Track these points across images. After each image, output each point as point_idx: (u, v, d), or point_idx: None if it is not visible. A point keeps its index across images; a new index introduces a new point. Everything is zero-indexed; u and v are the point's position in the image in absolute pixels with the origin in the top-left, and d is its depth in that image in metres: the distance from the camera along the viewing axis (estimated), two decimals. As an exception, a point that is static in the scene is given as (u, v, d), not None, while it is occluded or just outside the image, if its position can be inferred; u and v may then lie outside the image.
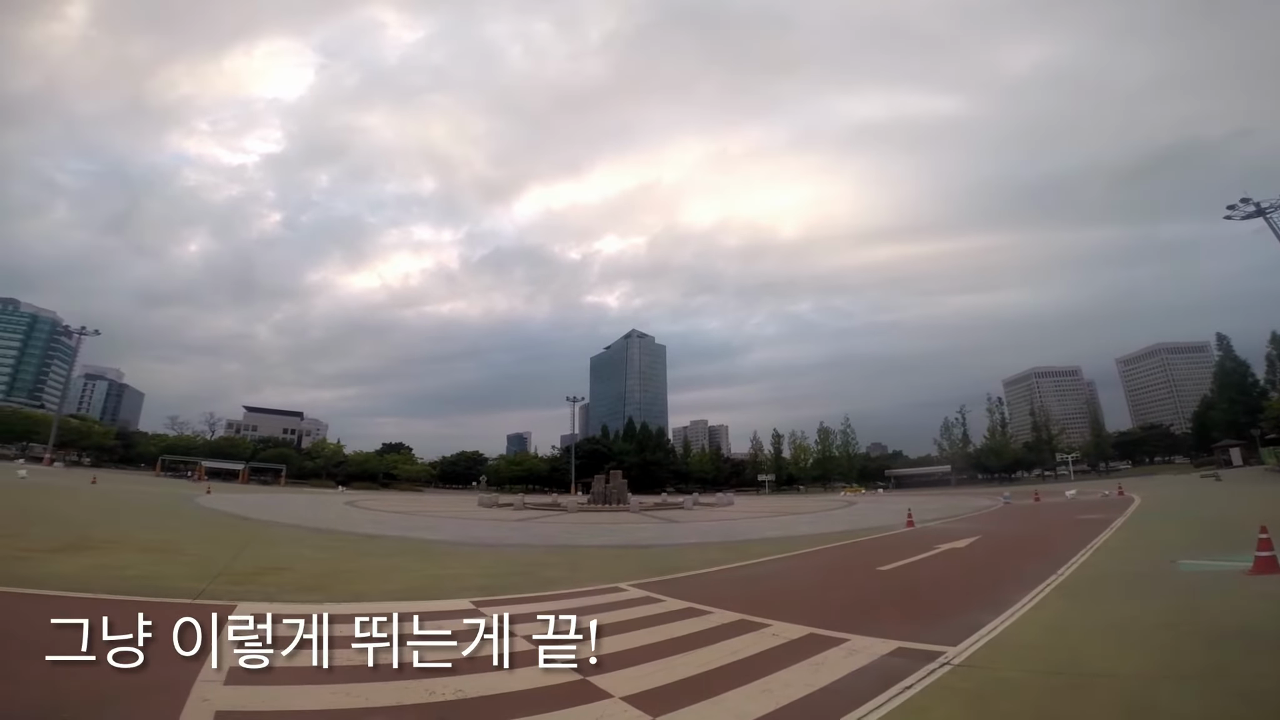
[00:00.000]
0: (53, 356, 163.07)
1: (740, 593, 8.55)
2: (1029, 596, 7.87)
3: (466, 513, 29.66)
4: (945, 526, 20.69)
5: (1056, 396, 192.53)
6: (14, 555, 8.64)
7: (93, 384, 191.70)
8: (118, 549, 10.37)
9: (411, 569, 10.50)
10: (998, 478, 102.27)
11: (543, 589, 8.71)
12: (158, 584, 7.43)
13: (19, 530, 11.93)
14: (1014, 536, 17.39)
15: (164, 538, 13.02)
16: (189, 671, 4.10)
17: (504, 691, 4.24)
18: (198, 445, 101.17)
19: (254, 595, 7.10)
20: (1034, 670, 4.97)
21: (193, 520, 18.38)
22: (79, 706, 3.42)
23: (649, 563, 11.96)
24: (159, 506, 23.32)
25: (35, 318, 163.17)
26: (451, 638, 5.63)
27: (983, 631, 6.10)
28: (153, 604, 6.38)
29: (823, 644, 5.74)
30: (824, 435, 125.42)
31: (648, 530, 20.75)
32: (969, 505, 34.61)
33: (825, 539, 16.99)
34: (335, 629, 5.78)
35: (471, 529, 19.75)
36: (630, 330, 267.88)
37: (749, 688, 4.51)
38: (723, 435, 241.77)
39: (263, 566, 9.62)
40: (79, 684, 3.85)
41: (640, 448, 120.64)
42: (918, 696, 4.32)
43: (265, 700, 3.79)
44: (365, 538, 15.78)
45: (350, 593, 7.87)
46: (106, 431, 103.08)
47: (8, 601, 6.06)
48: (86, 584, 6.97)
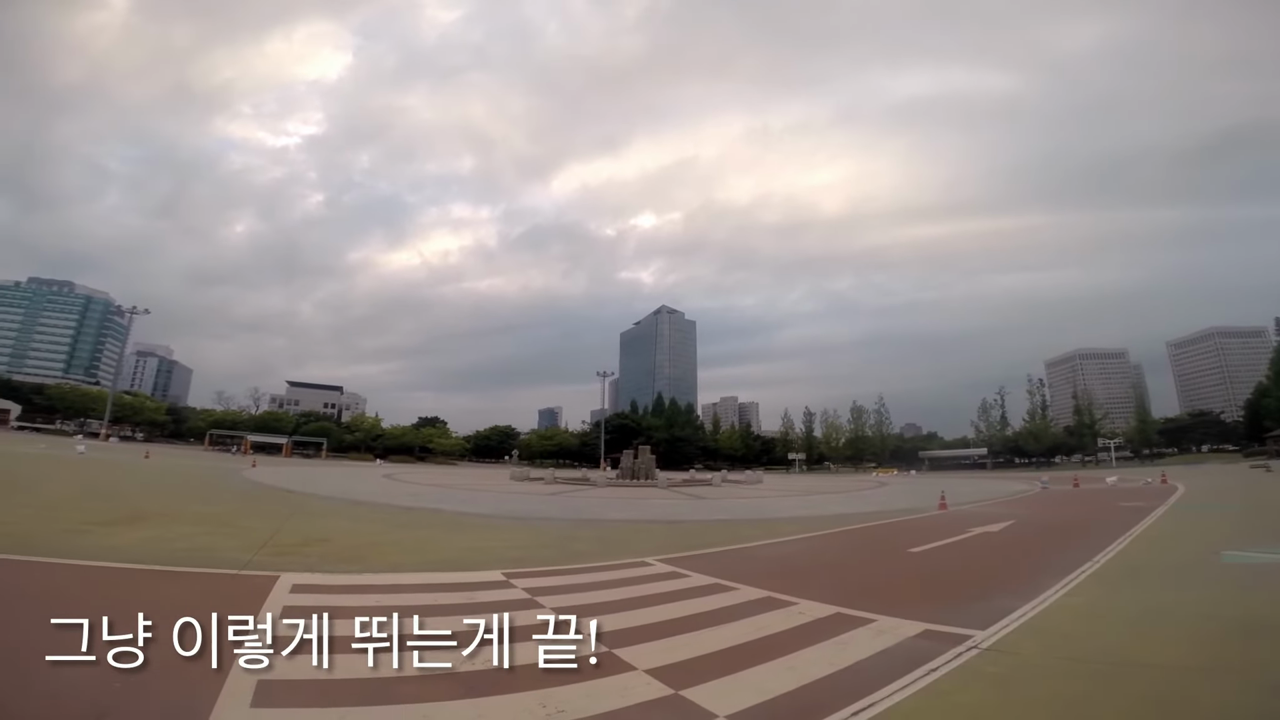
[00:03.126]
0: (106, 335, 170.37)
1: (767, 570, 8.55)
2: (1062, 583, 7.73)
3: (499, 486, 30.27)
4: (979, 510, 20.36)
5: (1101, 379, 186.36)
6: (75, 529, 9.13)
7: (144, 361, 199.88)
8: (171, 521, 10.88)
9: (446, 541, 10.79)
10: (1036, 462, 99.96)
11: (571, 562, 8.87)
12: (208, 555, 7.77)
13: (79, 504, 12.61)
14: (1050, 522, 17.02)
15: (213, 510, 13.62)
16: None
17: (531, 662, 4.35)
18: (243, 420, 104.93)
19: (296, 566, 7.39)
20: (1063, 657, 4.91)
21: (239, 493, 19.12)
22: (131, 672, 3.62)
23: (676, 538, 12.06)
24: (208, 480, 24.33)
25: (90, 299, 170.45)
26: (483, 609, 5.83)
27: (1013, 616, 6.03)
28: (204, 575, 6.74)
29: (849, 623, 5.74)
30: (857, 414, 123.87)
31: (675, 506, 20.89)
32: (1004, 489, 33.93)
33: (855, 519, 16.89)
34: (371, 599, 6.04)
35: (503, 502, 20.15)
36: (660, 306, 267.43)
37: (773, 664, 4.55)
38: (753, 412, 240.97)
39: (305, 538, 9.99)
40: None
41: (669, 424, 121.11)
42: (943, 679, 4.31)
43: (305, 670, 3.94)
44: (402, 510, 16.24)
45: (388, 564, 8.12)
46: (158, 407, 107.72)
47: (73, 573, 6.41)
48: (142, 556, 7.33)
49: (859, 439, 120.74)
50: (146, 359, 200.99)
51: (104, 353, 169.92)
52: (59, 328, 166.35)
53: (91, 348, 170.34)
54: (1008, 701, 3.99)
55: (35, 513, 10.69)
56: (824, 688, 4.11)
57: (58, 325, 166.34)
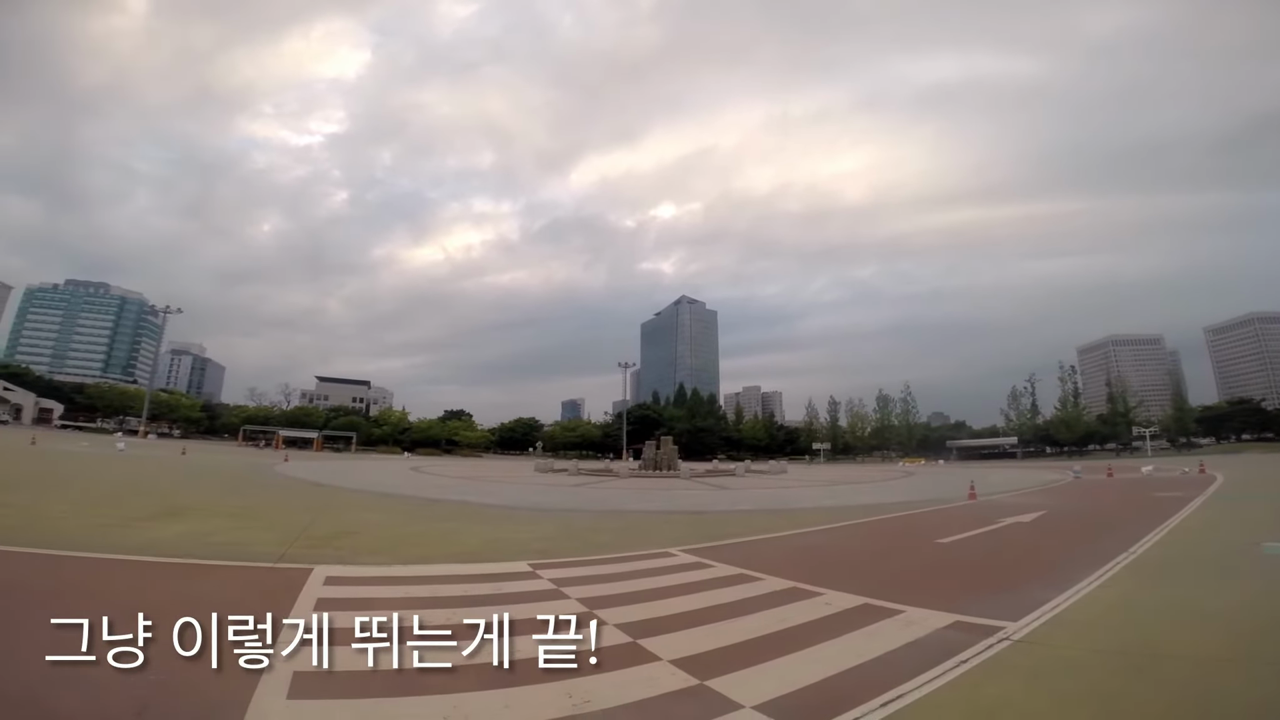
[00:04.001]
0: (142, 335, 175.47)
1: (792, 560, 8.52)
2: (1097, 574, 7.57)
3: (523, 478, 30.56)
4: (1009, 500, 20.02)
5: (1135, 366, 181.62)
6: (118, 524, 9.41)
7: (179, 359, 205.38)
8: (208, 516, 11.18)
9: (472, 533, 10.93)
10: (1068, 451, 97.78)
11: (595, 553, 8.92)
12: (245, 549, 7.96)
13: (121, 500, 13.01)
14: (1083, 512, 16.67)
15: (248, 504, 13.96)
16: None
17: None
18: (275, 415, 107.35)
19: (329, 558, 7.54)
20: (1097, 649, 4.81)
21: (272, 487, 19.57)
22: (174, 663, 3.72)
23: (699, 528, 12.06)
24: (242, 475, 24.93)
25: (124, 299, 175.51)
26: (510, 599, 5.91)
27: (1046, 608, 5.93)
28: (241, 568, 6.92)
29: (877, 614, 5.70)
30: (883, 404, 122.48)
31: (698, 496, 20.90)
32: (1035, 479, 33.29)
33: (882, 509, 16.72)
34: (401, 590, 6.14)
35: (528, 494, 20.34)
36: (681, 296, 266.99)
37: (799, 655, 4.53)
38: (776, 402, 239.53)
39: (336, 531, 10.19)
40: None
41: (691, 414, 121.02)
42: (973, 671, 4.26)
43: (338, 660, 4.01)
44: (429, 502, 16.49)
45: (417, 555, 8.25)
46: (193, 404, 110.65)
47: (116, 567, 6.61)
48: (182, 550, 7.52)
49: (885, 428, 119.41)
50: (181, 357, 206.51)
51: (140, 352, 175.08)
52: (96, 328, 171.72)
53: (128, 347, 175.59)
54: (1040, 694, 3.92)
55: (80, 509, 11.05)
56: (852, 679, 4.08)
57: (95, 326, 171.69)
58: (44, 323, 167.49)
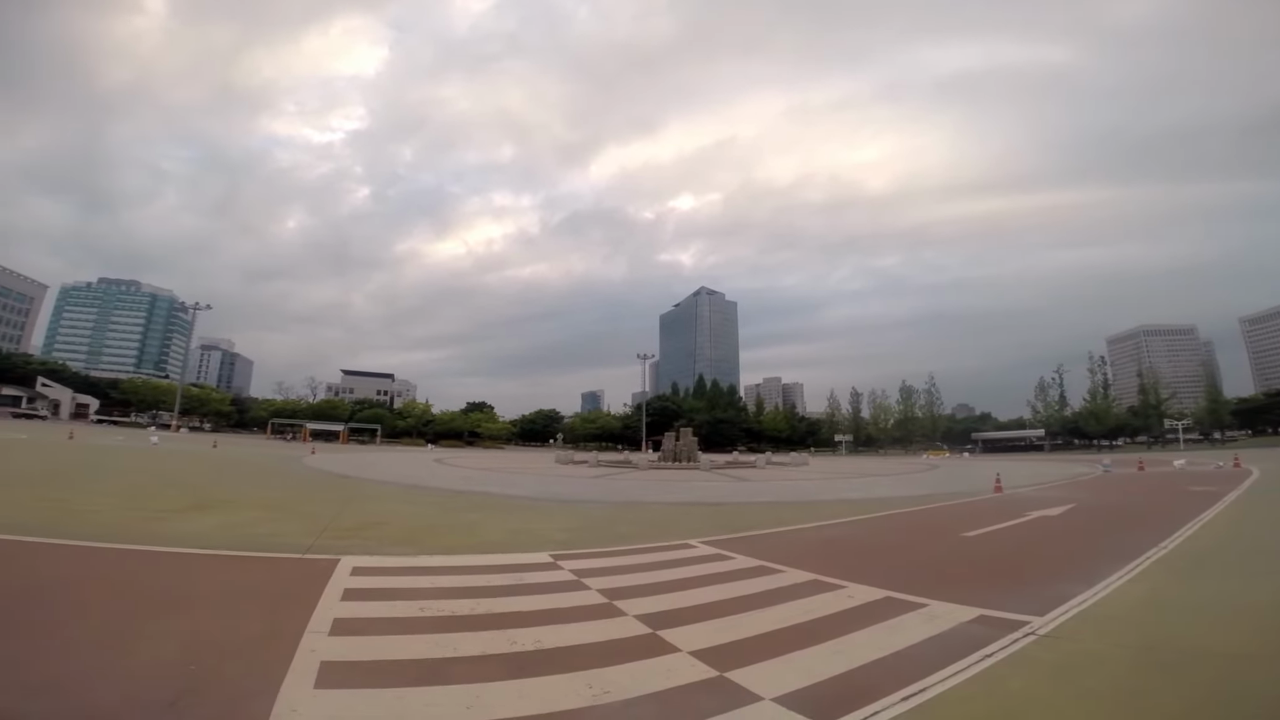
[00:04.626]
0: (173, 331, 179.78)
1: (814, 553, 8.47)
2: (1126, 569, 7.43)
3: (544, 469, 30.80)
4: (1037, 493, 19.68)
5: (1167, 357, 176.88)
6: (151, 516, 9.69)
7: (208, 354, 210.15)
8: (239, 508, 11.45)
9: (495, 524, 11.04)
10: (1097, 444, 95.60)
11: (616, 544, 8.97)
12: (274, 540, 8.15)
13: (155, 493, 13.36)
14: (1113, 506, 16.33)
15: (277, 496, 14.27)
16: (299, 623, 4.55)
17: (578, 643, 4.46)
18: (302, 409, 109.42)
19: (356, 549, 7.68)
20: (1125, 645, 4.72)
21: (301, 480, 19.96)
22: (205, 655, 3.85)
23: (719, 520, 12.05)
24: (271, 467, 25.46)
25: (155, 296, 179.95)
26: (532, 590, 5.98)
27: (1073, 603, 5.83)
28: (271, 559, 7.09)
29: (900, 608, 5.65)
30: (906, 395, 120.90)
31: (718, 488, 20.86)
32: (1064, 472, 32.66)
33: (905, 502, 16.55)
34: (425, 581, 6.25)
35: (549, 485, 20.49)
36: (700, 287, 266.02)
37: (821, 648, 4.51)
38: (797, 393, 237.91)
39: (363, 522, 10.38)
40: (208, 635, 4.34)
41: (711, 405, 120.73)
42: (998, 665, 4.21)
43: (365, 650, 4.13)
44: (453, 493, 16.69)
45: (441, 546, 8.37)
46: (223, 398, 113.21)
47: (151, 559, 6.81)
48: (215, 542, 7.71)
49: (908, 420, 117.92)
50: (210, 352, 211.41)
51: (171, 347, 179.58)
52: (129, 325, 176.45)
53: (160, 343, 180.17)
54: (1065, 689, 3.87)
55: (118, 501, 11.39)
56: (873, 672, 4.06)
57: (128, 323, 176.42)
58: (79, 320, 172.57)
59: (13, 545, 6.81)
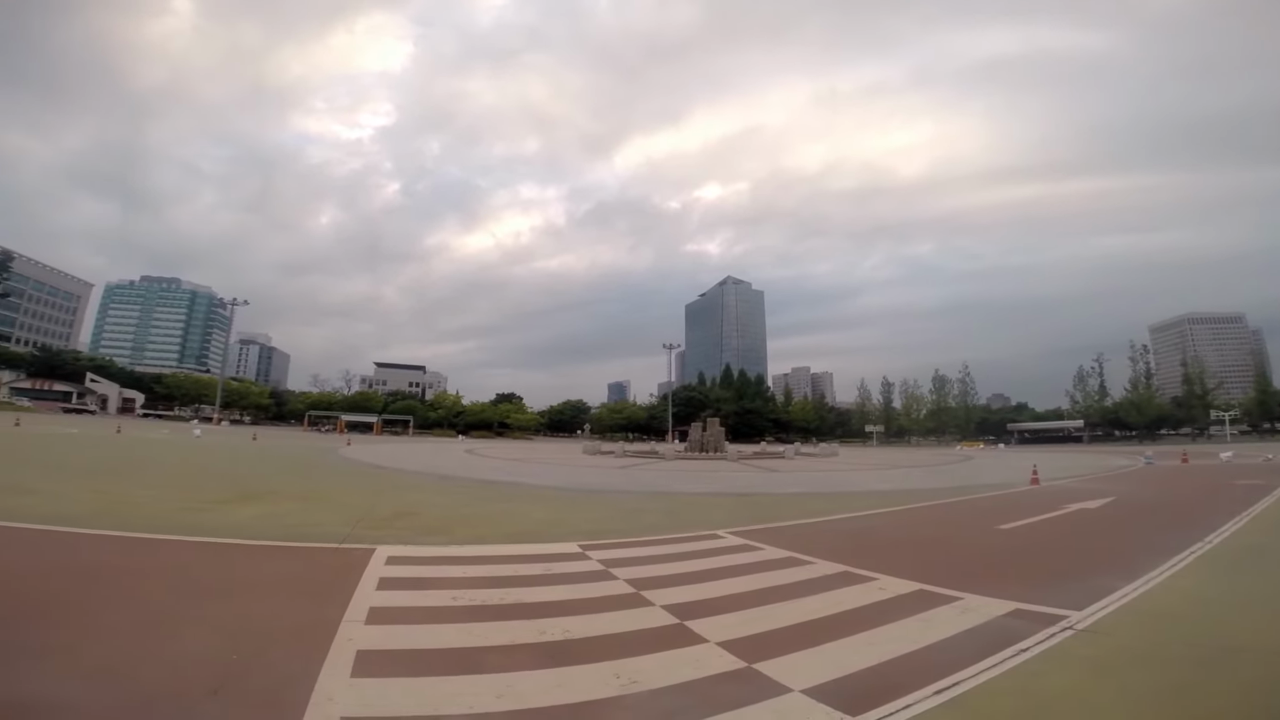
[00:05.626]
0: (212, 326, 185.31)
1: (844, 544, 8.38)
2: (1168, 563, 7.22)
3: (572, 460, 31.02)
4: (1075, 486, 19.20)
5: (1214, 346, 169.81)
6: (194, 507, 10.00)
7: (247, 348, 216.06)
8: (278, 499, 11.78)
9: (525, 513, 11.18)
10: (1138, 436, 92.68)
11: (643, 534, 9.01)
12: (312, 530, 8.36)
13: (199, 485, 13.81)
14: (1155, 500, 15.84)
15: (314, 487, 14.63)
16: (336, 611, 4.67)
17: (607, 633, 4.50)
18: (337, 401, 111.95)
19: (390, 539, 7.85)
20: (1167, 640, 4.59)
21: (337, 471, 20.42)
22: (247, 644, 3.97)
23: (747, 511, 12.00)
24: (308, 459, 26.11)
25: (195, 293, 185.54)
26: (561, 580, 6.05)
27: (1113, 597, 5.69)
28: (309, 549, 7.28)
29: (933, 601, 5.57)
30: (939, 384, 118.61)
31: (746, 479, 20.78)
32: (1103, 464, 31.80)
33: (939, 494, 16.29)
34: (458, 570, 6.36)
35: (577, 475, 20.64)
36: (726, 277, 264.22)
37: (851, 640, 4.47)
38: (826, 383, 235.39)
39: (397, 512, 10.60)
40: (250, 623, 4.48)
41: (738, 395, 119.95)
42: (1034, 660, 4.12)
43: (399, 639, 4.22)
44: (483, 483, 16.94)
45: (472, 536, 8.50)
46: (262, 391, 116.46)
47: (195, 549, 7.04)
48: (255, 532, 7.95)
49: (942, 410, 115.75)
50: (249, 346, 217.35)
51: (211, 342, 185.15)
52: (171, 321, 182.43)
53: (200, 338, 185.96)
54: (1104, 684, 3.77)
55: (162, 493, 11.80)
56: (905, 665, 4.00)
57: (169, 319, 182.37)
58: (123, 317, 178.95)
59: (68, 536, 7.11)
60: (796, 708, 3.36)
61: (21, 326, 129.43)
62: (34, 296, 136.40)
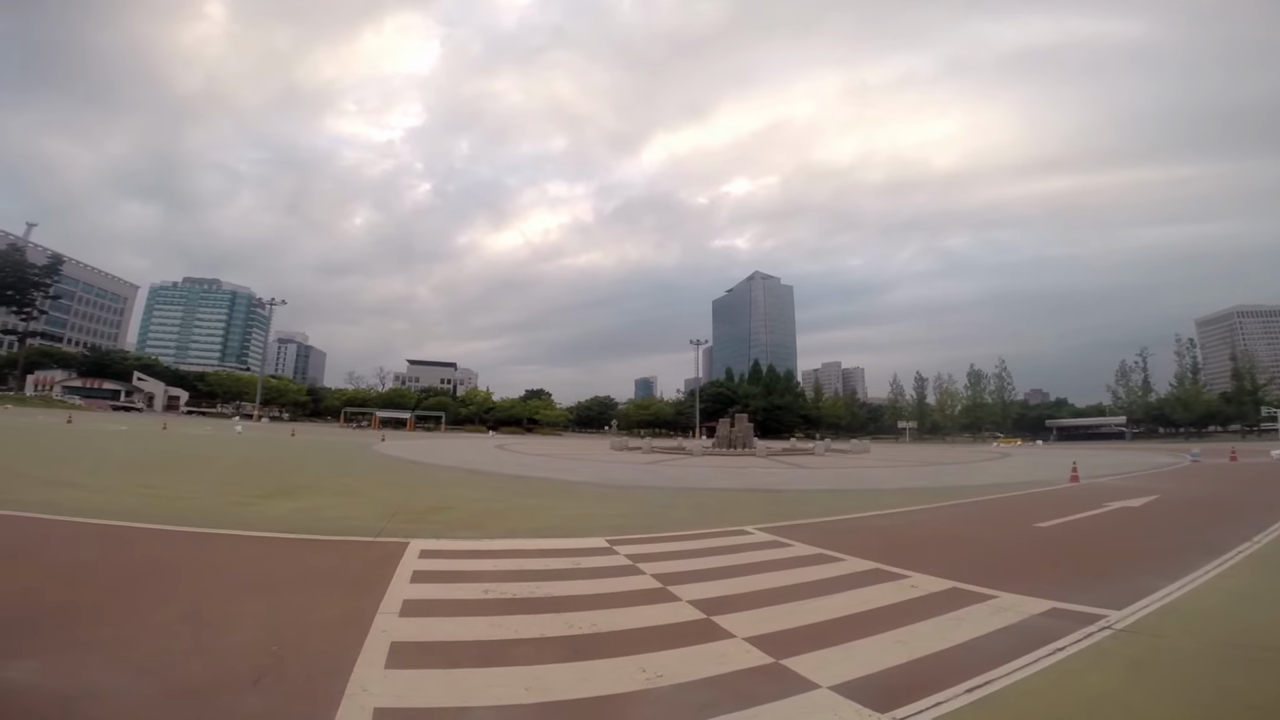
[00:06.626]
0: (252, 326, 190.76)
1: (875, 541, 8.28)
2: (1214, 563, 6.98)
3: (600, 456, 31.18)
4: (1117, 484, 18.61)
5: (1266, 339, 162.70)
6: (237, 502, 10.32)
7: (285, 347, 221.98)
8: (315, 493, 12.09)
9: (554, 509, 11.29)
10: (1184, 433, 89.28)
11: (671, 529, 9.02)
12: (348, 524, 8.56)
13: (240, 479, 14.26)
14: (1201, 498, 15.27)
15: (350, 482, 14.96)
16: (372, 604, 4.78)
17: (633, 627, 4.52)
18: (372, 397, 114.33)
19: (424, 533, 7.99)
20: (1210, 641, 4.45)
21: (372, 466, 20.88)
22: (286, 636, 4.09)
23: (776, 507, 11.92)
24: (345, 455, 26.71)
25: (235, 293, 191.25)
26: (588, 574, 6.10)
27: (1154, 596, 5.52)
28: (346, 542, 7.46)
29: (966, 599, 5.47)
30: (975, 379, 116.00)
31: (775, 475, 20.60)
32: (1147, 461, 30.75)
33: (974, 491, 15.95)
34: (489, 564, 6.46)
35: (605, 471, 20.73)
36: (753, 272, 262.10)
37: (881, 637, 4.42)
38: (858, 379, 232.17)
39: (430, 506, 10.79)
40: (289, 615, 4.61)
41: (767, 391, 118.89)
42: (1071, 659, 4.03)
43: (432, 631, 4.31)
44: (514, 478, 17.13)
45: (503, 530, 8.62)
46: (300, 389, 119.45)
47: (238, 543, 7.27)
48: (294, 526, 8.18)
49: (977, 406, 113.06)
50: (286, 345, 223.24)
51: (251, 341, 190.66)
52: (212, 321, 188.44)
53: (240, 337, 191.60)
54: (1143, 685, 3.67)
55: (207, 488, 12.20)
56: (936, 663, 3.95)
57: (211, 319, 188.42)
58: (168, 317, 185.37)
59: (118, 530, 7.41)
60: (824, 704, 3.34)
61: (72, 328, 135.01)
62: (83, 298, 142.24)
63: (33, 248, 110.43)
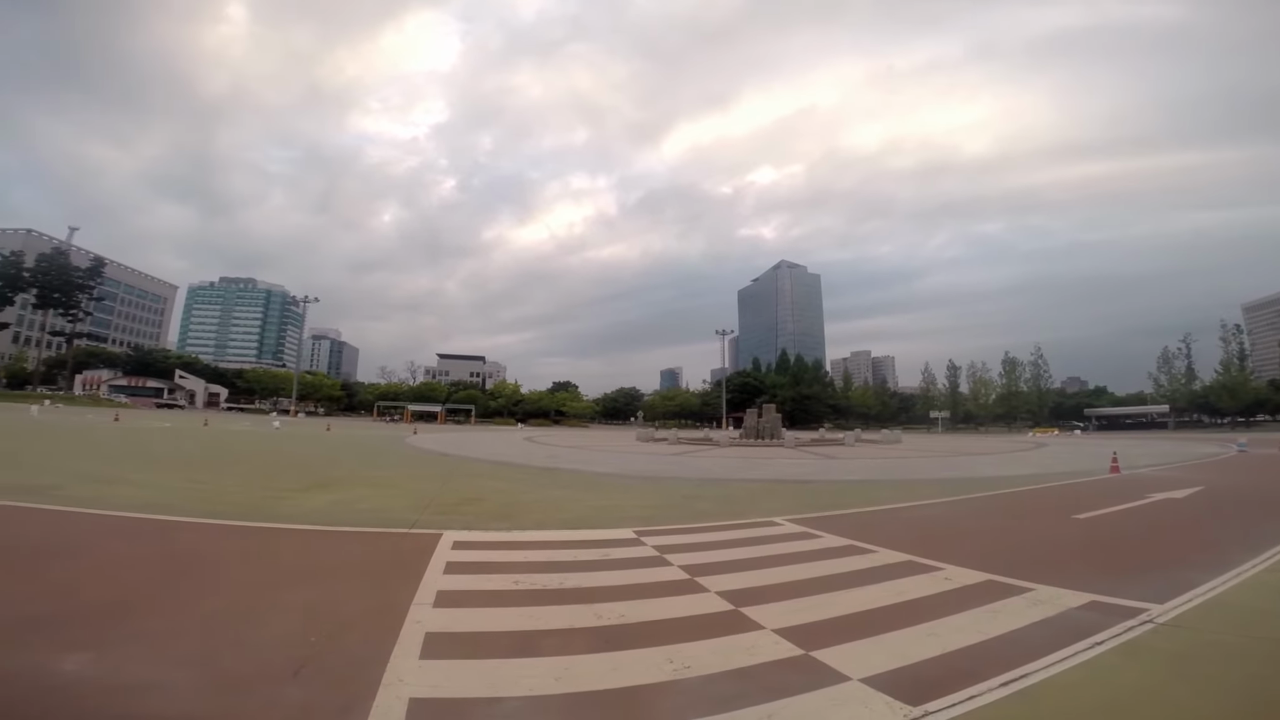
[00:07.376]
0: (287, 323, 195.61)
1: (908, 533, 8.16)
2: (1260, 557, 6.73)
3: (626, 447, 31.29)
4: (1159, 474, 18.05)
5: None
6: (275, 496, 10.60)
7: (319, 343, 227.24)
8: (351, 486, 12.36)
9: (582, 500, 11.37)
10: (1230, 422, 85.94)
11: (698, 520, 9.02)
12: (383, 516, 8.73)
13: (278, 473, 14.66)
14: (1247, 489, 14.72)
15: (384, 475, 15.27)
16: (407, 595, 4.89)
17: (662, 618, 4.54)
18: (403, 391, 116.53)
19: (456, 524, 8.13)
20: (1255, 636, 4.31)
21: (405, 458, 21.25)
22: (325, 627, 4.19)
23: (805, 498, 11.84)
24: (378, 448, 27.26)
25: (270, 292, 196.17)
26: (616, 565, 6.14)
27: (1197, 590, 5.35)
28: (381, 534, 7.63)
29: (1002, 591, 5.37)
30: (1010, 368, 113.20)
31: (804, 466, 20.46)
32: (1190, 452, 29.73)
33: (1010, 482, 15.63)
34: (519, 555, 6.55)
35: (631, 462, 20.81)
36: (780, 261, 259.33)
37: (913, 630, 4.37)
38: (888, 368, 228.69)
39: (462, 498, 10.96)
40: (327, 607, 4.74)
41: (795, 381, 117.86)
42: (1109, 653, 3.94)
43: (465, 622, 4.39)
44: (542, 470, 17.31)
45: (532, 521, 8.71)
46: (334, 384, 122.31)
47: (278, 535, 7.48)
48: (331, 518, 8.36)
49: (1012, 395, 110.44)
50: (320, 341, 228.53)
51: (286, 338, 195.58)
52: (248, 319, 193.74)
53: (276, 335, 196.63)
54: (1185, 680, 3.57)
55: (245, 482, 12.57)
56: (971, 656, 3.89)
57: (247, 317, 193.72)
58: (206, 316, 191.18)
59: (164, 524, 7.66)
60: (855, 696, 3.31)
61: (116, 328, 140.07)
62: (125, 299, 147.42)
63: (76, 251, 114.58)
